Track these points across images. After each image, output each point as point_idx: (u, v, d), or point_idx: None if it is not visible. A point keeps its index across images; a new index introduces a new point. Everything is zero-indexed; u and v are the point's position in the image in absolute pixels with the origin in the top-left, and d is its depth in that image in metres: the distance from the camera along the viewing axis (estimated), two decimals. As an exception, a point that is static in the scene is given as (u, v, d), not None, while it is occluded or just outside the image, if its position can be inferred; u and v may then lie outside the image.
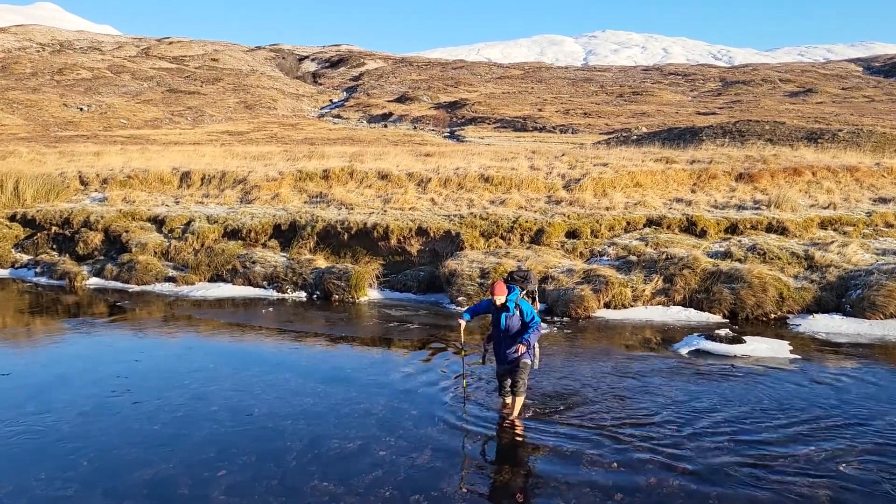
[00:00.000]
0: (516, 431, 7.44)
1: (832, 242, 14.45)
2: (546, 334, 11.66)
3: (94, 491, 6.24)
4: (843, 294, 12.55)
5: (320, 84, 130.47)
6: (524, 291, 7.99)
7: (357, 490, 6.22)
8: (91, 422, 7.83)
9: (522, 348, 7.39)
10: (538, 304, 8.44)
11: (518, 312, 7.51)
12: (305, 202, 19.84)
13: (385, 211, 17.57)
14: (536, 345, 7.67)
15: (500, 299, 7.49)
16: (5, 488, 6.28)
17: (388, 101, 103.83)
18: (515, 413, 7.65)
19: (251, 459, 6.84)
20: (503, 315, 7.52)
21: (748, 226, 15.47)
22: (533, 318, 7.51)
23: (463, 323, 7.88)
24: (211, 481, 6.40)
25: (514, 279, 8.07)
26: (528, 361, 7.56)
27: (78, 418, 7.92)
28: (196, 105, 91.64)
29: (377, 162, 24.14)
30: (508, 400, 7.85)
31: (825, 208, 17.25)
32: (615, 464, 6.67)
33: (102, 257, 17.54)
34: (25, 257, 18.39)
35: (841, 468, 6.51)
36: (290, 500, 6.06)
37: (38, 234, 18.99)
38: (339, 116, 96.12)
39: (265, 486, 6.32)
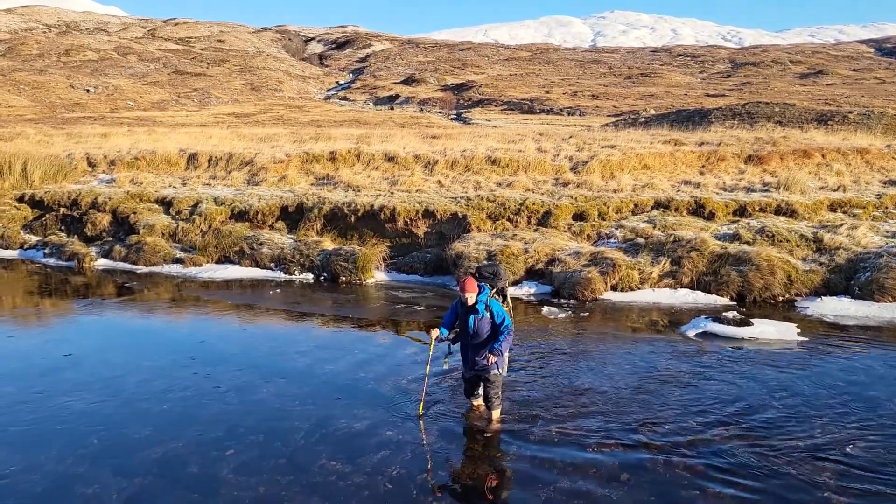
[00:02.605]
0: (521, 413, 7.45)
1: (841, 225, 14.36)
2: (553, 318, 11.66)
3: (105, 469, 6.30)
4: (852, 276, 12.50)
5: (326, 66, 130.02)
6: (494, 290, 7.19)
7: (364, 469, 6.26)
8: (101, 401, 7.89)
9: (493, 358, 6.77)
10: (509, 301, 7.55)
11: (488, 314, 6.89)
12: (312, 184, 19.81)
13: (392, 193, 17.54)
14: (505, 353, 7.09)
15: (470, 298, 6.85)
16: (18, 465, 6.35)
17: (395, 83, 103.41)
18: (496, 426, 7.10)
19: (259, 439, 6.89)
20: (472, 317, 6.91)
21: (757, 208, 15.39)
22: (504, 320, 6.89)
23: (435, 333, 7.15)
24: (220, 460, 6.46)
25: (484, 276, 7.20)
26: (498, 372, 7.01)
27: (88, 397, 7.99)
28: (202, 87, 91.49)
29: (384, 144, 24.07)
30: (476, 402, 7.42)
31: (835, 191, 17.14)
32: (620, 444, 6.69)
33: (111, 238, 17.59)
34: (34, 238, 18.46)
35: (847, 450, 6.52)
36: (298, 479, 6.11)
37: (47, 216, 19.06)
38: (345, 98, 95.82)
39: (273, 464, 6.37)
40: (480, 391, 7.31)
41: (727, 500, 5.72)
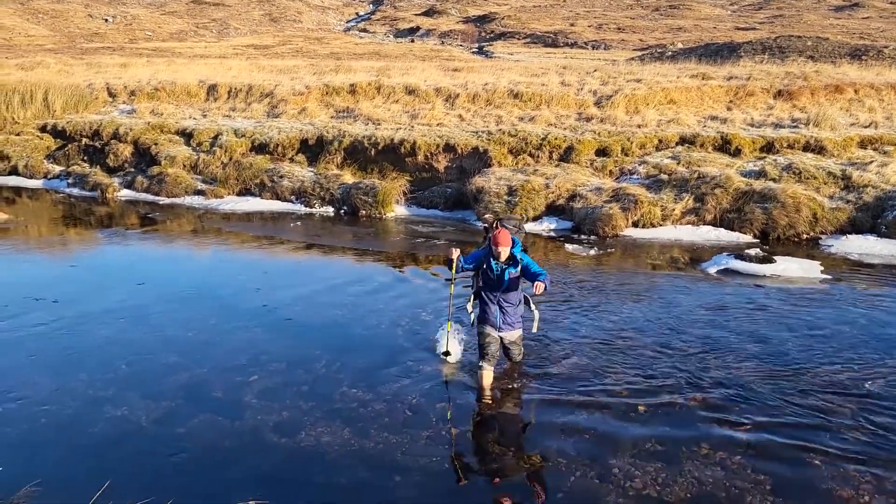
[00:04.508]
0: (541, 349, 7.51)
1: (871, 162, 14.03)
2: (583, 255, 11.64)
3: (133, 392, 6.47)
4: (879, 215, 12.28)
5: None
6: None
7: (384, 397, 6.38)
8: (127, 328, 8.06)
9: (542, 286, 6.05)
10: None
11: (519, 268, 6.34)
12: (332, 117, 19.65)
13: (412, 126, 17.34)
14: (536, 309, 6.61)
15: (504, 252, 6.22)
16: (49, 388, 6.55)
17: (416, 15, 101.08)
18: (517, 363, 6.89)
19: (282, 366, 7.02)
20: (507, 271, 6.29)
21: (784, 144, 15.05)
22: (540, 270, 6.31)
23: (456, 253, 6.53)
24: (243, 386, 6.60)
25: (508, 229, 6.46)
26: (521, 332, 6.67)
27: (115, 324, 8.16)
28: (221, 17, 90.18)
29: (404, 77, 23.70)
30: (486, 371, 6.51)
31: (866, 127, 16.68)
32: (639, 378, 6.74)
33: (132, 169, 17.66)
34: (57, 168, 18.58)
35: (867, 385, 6.52)
36: (319, 405, 6.24)
37: (69, 146, 19.12)
38: (365, 30, 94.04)
39: (295, 391, 6.51)
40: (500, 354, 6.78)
41: (745, 433, 5.76)
